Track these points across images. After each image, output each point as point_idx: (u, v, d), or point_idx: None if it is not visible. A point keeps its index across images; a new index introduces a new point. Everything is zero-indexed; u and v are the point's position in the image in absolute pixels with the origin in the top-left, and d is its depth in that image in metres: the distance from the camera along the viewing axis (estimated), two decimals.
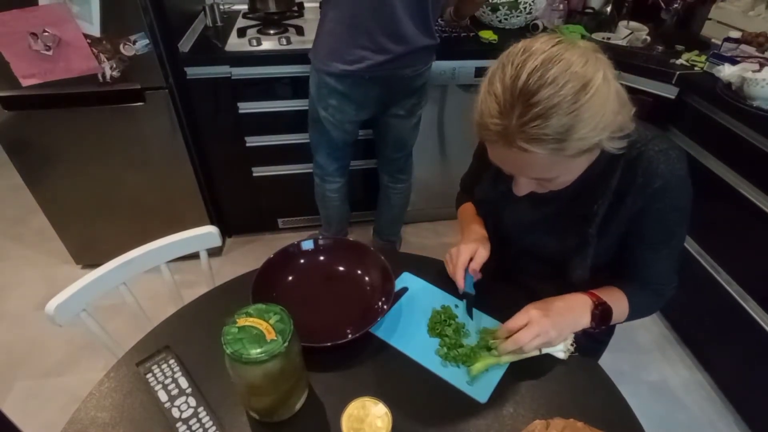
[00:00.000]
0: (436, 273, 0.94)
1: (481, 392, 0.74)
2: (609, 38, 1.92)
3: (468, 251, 0.86)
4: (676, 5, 1.97)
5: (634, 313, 0.85)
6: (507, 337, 0.75)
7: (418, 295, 0.90)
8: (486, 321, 0.86)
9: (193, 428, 0.67)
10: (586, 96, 0.58)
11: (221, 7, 1.94)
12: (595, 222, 0.78)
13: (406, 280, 0.94)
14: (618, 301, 0.82)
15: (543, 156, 0.60)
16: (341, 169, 1.78)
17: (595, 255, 0.81)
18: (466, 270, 0.86)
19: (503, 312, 0.80)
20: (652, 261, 0.82)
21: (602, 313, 0.79)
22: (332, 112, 1.52)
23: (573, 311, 0.79)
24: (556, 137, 0.58)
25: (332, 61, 1.39)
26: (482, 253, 0.87)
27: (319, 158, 1.74)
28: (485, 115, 0.62)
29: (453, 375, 0.76)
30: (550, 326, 0.74)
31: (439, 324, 0.83)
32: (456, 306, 0.88)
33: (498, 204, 0.91)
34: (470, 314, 0.85)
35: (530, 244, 0.91)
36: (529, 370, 0.77)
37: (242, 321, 0.62)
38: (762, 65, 1.47)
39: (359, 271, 0.93)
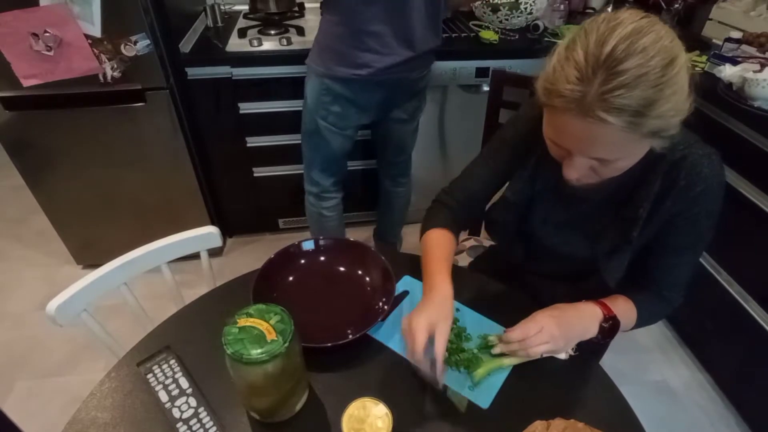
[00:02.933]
0: None
1: (483, 398, 0.73)
2: None
3: (423, 333, 0.69)
4: (676, 5, 1.97)
5: (643, 323, 0.84)
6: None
7: (419, 298, 0.89)
8: (486, 324, 0.85)
9: (194, 428, 0.67)
10: (673, 71, 0.56)
11: (222, 7, 1.94)
12: (638, 225, 0.76)
13: (408, 283, 0.93)
14: (627, 312, 0.81)
15: (616, 130, 0.57)
16: (338, 183, 1.70)
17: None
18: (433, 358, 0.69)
19: (506, 315, 0.80)
20: (674, 266, 0.81)
21: (610, 327, 0.78)
22: (333, 120, 1.47)
23: (583, 322, 0.77)
24: (637, 109, 0.56)
25: (340, 65, 1.34)
26: (444, 331, 0.70)
27: (314, 174, 1.64)
28: (560, 81, 0.59)
29: (454, 380, 0.76)
30: (560, 337, 0.73)
31: None
32: (457, 310, 0.87)
33: (527, 204, 0.88)
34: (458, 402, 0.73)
35: (555, 244, 0.88)
36: (530, 371, 0.77)
37: (243, 321, 0.62)
38: (763, 65, 1.47)
39: (360, 272, 0.93)
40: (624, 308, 0.81)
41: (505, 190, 0.91)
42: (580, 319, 0.77)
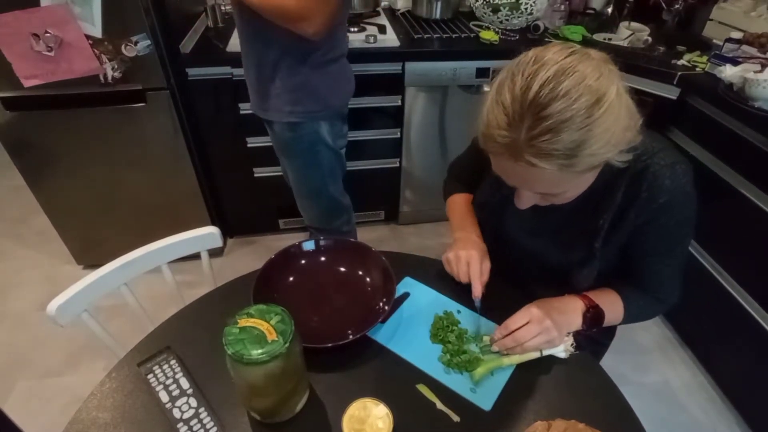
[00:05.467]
0: (437, 275, 0.93)
1: (484, 400, 0.73)
2: (610, 39, 1.91)
3: (479, 261, 0.85)
4: (677, 6, 1.97)
5: (632, 317, 0.85)
6: (506, 335, 0.75)
7: (420, 300, 0.90)
8: (487, 326, 0.84)
9: (194, 429, 0.67)
10: (600, 111, 0.55)
11: (222, 8, 1.94)
12: (600, 236, 0.77)
13: (408, 285, 0.93)
14: (612, 305, 0.82)
15: (551, 171, 0.58)
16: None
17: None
18: None
19: (502, 313, 0.80)
20: (655, 269, 0.81)
21: (593, 317, 0.79)
22: (342, 142, 1.43)
23: (568, 313, 0.79)
24: (566, 153, 0.56)
25: (335, 93, 1.30)
26: (488, 265, 0.87)
27: (343, 199, 1.56)
28: (492, 126, 0.60)
29: (456, 382, 0.76)
30: (551, 325, 0.74)
31: (442, 330, 0.82)
32: (458, 312, 0.87)
33: (499, 208, 0.89)
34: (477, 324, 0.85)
35: (533, 251, 0.89)
36: (530, 371, 0.77)
37: (243, 321, 0.62)
38: (763, 66, 1.46)
39: (360, 272, 0.93)
40: (608, 300, 0.82)
41: (476, 191, 0.93)
42: (565, 311, 0.79)
